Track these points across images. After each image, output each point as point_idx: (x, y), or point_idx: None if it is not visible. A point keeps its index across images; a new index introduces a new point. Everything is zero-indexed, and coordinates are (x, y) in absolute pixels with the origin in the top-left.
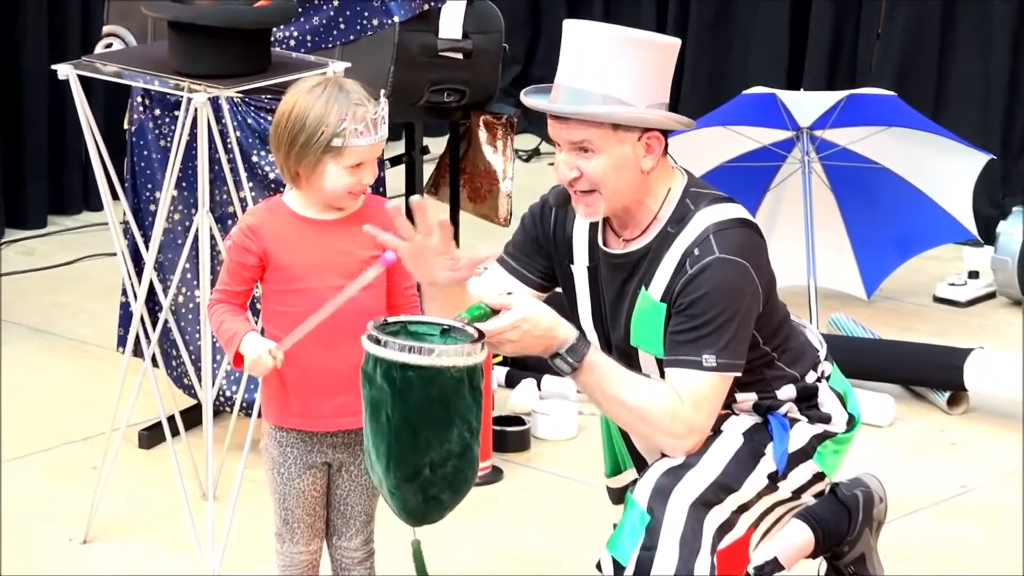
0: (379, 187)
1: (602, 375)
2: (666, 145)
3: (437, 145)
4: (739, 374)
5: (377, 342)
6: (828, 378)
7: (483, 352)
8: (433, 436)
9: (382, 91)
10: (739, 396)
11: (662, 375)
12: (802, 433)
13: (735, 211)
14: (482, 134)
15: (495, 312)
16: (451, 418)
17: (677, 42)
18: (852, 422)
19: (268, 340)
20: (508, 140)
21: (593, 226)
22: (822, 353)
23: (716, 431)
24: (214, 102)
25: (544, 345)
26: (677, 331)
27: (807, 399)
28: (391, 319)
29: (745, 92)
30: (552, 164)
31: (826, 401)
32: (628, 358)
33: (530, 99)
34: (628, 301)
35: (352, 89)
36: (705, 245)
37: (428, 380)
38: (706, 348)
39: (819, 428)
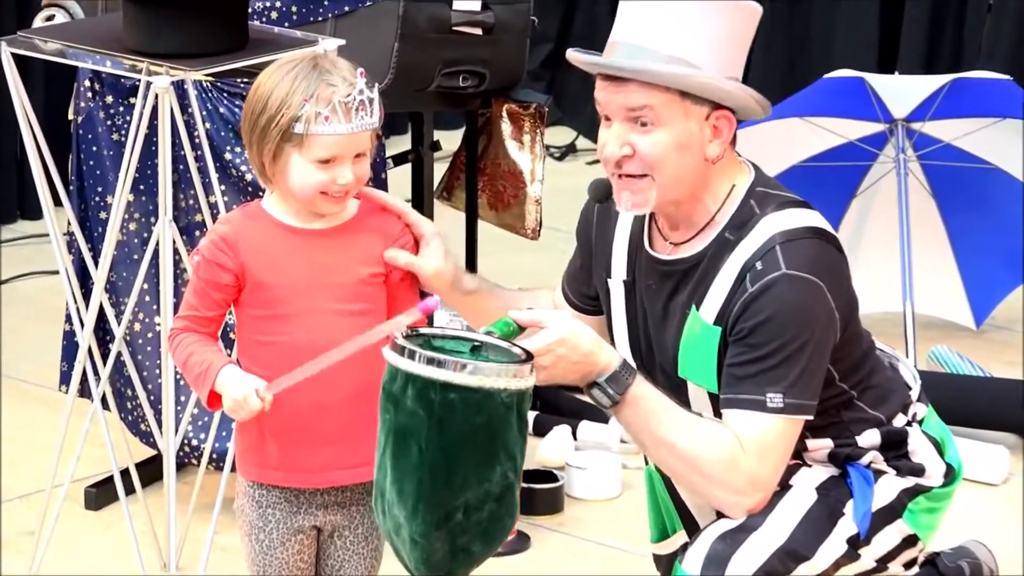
0: None
1: (649, 412)
2: (735, 133)
3: (450, 140)
4: (811, 417)
5: (411, 356)
6: (921, 422)
7: (533, 375)
8: (473, 473)
9: (360, 71)
10: (811, 443)
11: (716, 414)
12: (889, 488)
13: (808, 218)
14: (506, 127)
15: (522, 330)
16: (496, 452)
17: (759, 9)
18: (951, 474)
19: (252, 376)
20: (537, 134)
21: (638, 228)
22: (914, 392)
23: (783, 486)
24: (178, 87)
25: (582, 372)
26: (736, 363)
27: (895, 446)
28: (415, 330)
29: (827, 76)
30: (592, 162)
31: (918, 449)
32: (675, 393)
33: (580, 55)
34: (676, 321)
35: (330, 67)
36: (770, 258)
37: (474, 405)
38: (771, 385)
39: (910, 481)
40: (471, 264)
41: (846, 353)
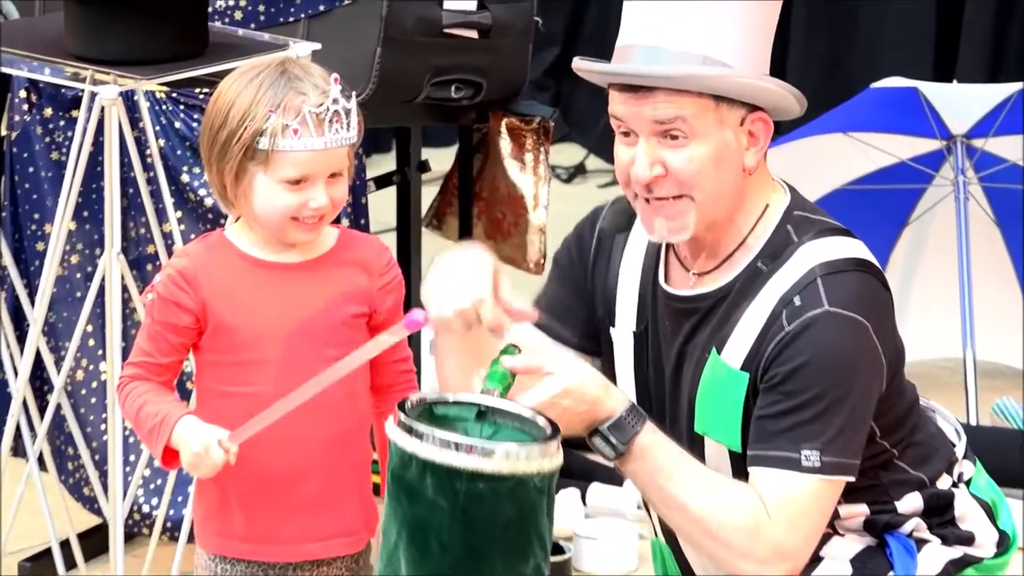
0: (359, 219)
1: (658, 466)
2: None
3: (442, 159)
4: (852, 478)
5: (424, 438)
6: (969, 483)
7: (560, 448)
8: (503, 569)
9: (335, 77)
10: (845, 509)
11: (737, 475)
12: (934, 559)
13: (851, 248)
14: (505, 144)
15: (514, 377)
16: (528, 542)
17: None
18: (1005, 543)
19: (213, 426)
20: (541, 153)
21: (650, 262)
22: (959, 449)
23: (814, 559)
24: (128, 98)
25: (586, 421)
26: (767, 415)
27: (940, 511)
28: (413, 398)
29: (874, 86)
30: (605, 185)
31: (967, 514)
32: (689, 450)
33: (589, 65)
34: (693, 367)
35: (301, 73)
36: (811, 292)
37: (505, 494)
38: (807, 440)
39: (958, 551)
40: None
41: (890, 406)
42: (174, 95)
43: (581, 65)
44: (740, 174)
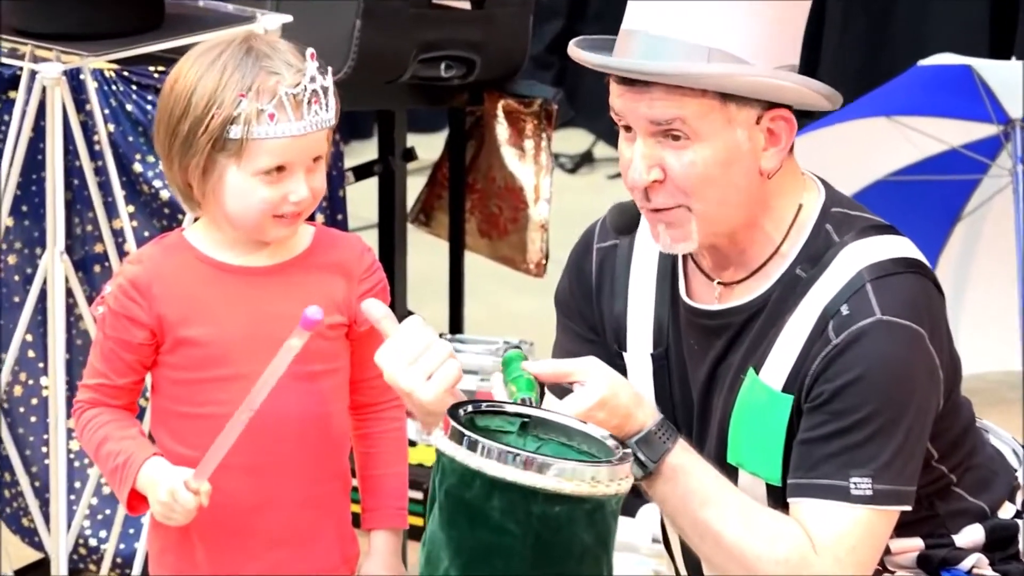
0: (336, 214)
1: (690, 489)
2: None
3: (430, 147)
4: (907, 507)
5: (503, 457)
6: None
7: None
8: None
9: (311, 51)
10: (897, 544)
11: (776, 506)
12: None
13: (900, 247)
14: (501, 130)
15: (542, 386)
16: (601, 571)
17: None
18: None
19: (177, 468)
20: (543, 139)
21: (665, 271)
22: (1021, 473)
23: None
24: (73, 77)
25: (618, 434)
26: (812, 438)
27: (1003, 545)
28: (466, 407)
29: (921, 64)
30: (615, 176)
31: None
32: None
33: (586, 53)
34: (725, 391)
35: (268, 50)
36: (860, 300)
37: (583, 518)
38: (857, 466)
39: None
40: (456, 309)
41: (947, 426)
42: (125, 74)
43: (577, 52)
44: (756, 178)
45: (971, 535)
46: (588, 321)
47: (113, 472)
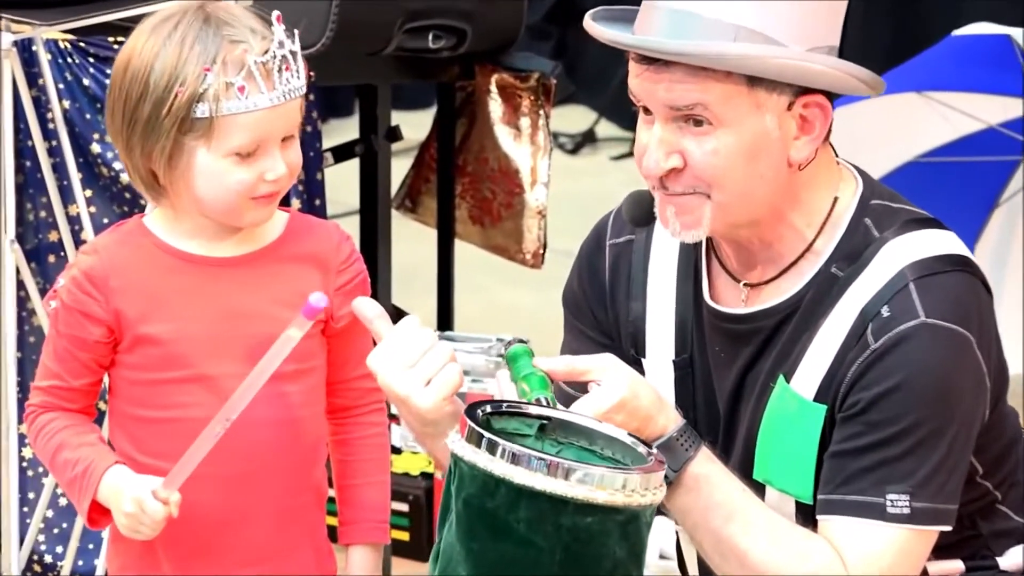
0: (313, 199)
1: (714, 503)
2: (830, 126)
3: (416, 125)
4: (948, 527)
5: (532, 463)
6: None
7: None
8: None
9: (277, 14)
10: (936, 567)
11: (806, 526)
12: None
13: (945, 243)
14: (495, 106)
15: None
16: None
17: None
18: None
19: (144, 476)
20: (540, 117)
21: (689, 267)
22: None
23: None
24: (24, 48)
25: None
26: (846, 450)
27: None
28: (480, 407)
29: (956, 34)
30: (619, 157)
31: None
32: None
33: (601, 27)
34: (753, 402)
35: (228, 17)
36: (902, 301)
37: (616, 530)
38: (894, 482)
39: None
40: (445, 304)
41: (993, 438)
42: (82, 45)
43: (594, 25)
44: (784, 169)
45: (1016, 557)
46: (601, 324)
47: (72, 482)
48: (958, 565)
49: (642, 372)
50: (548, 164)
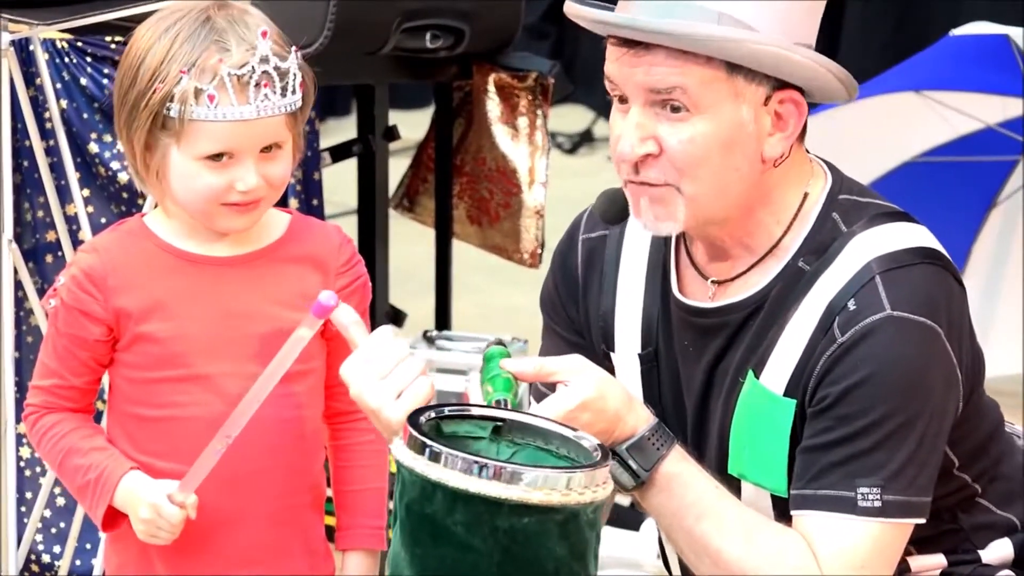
0: (311, 199)
1: (687, 501)
2: (805, 125)
3: (414, 125)
4: (921, 519)
5: (463, 466)
6: None
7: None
8: None
9: (263, 30)
10: (918, 562)
11: (782, 519)
12: None
13: (914, 235)
14: (493, 106)
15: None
16: None
17: None
18: None
19: (159, 481)
20: (538, 117)
21: (658, 261)
22: None
23: None
24: (22, 48)
25: (607, 440)
26: (815, 445)
27: None
28: (427, 413)
29: (954, 33)
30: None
31: None
32: None
33: (581, 7)
34: (724, 396)
35: (227, 23)
36: (868, 294)
37: (555, 530)
38: (864, 476)
39: None
40: (443, 304)
41: (970, 429)
42: (79, 44)
43: (573, 8)
44: (757, 165)
45: (999, 550)
46: (574, 323)
47: (83, 488)
48: (940, 559)
49: (612, 367)
50: (546, 164)
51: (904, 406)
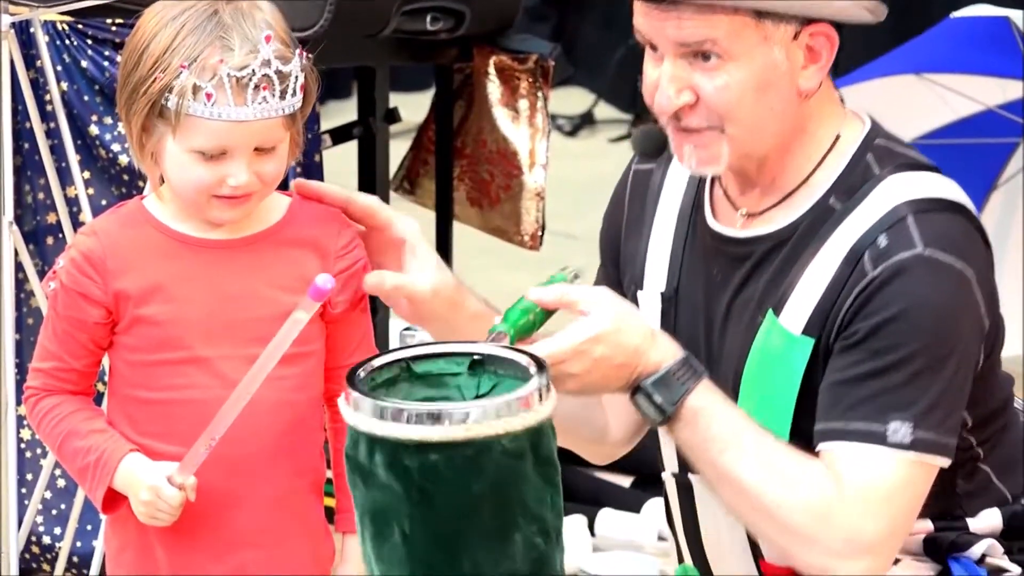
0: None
1: (711, 435)
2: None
3: (414, 108)
4: (946, 463)
5: (370, 410)
6: None
7: (551, 398)
8: (483, 555)
9: (267, 35)
10: None
11: None
12: None
13: (946, 187)
14: (493, 88)
15: (548, 315)
16: (511, 519)
17: None
18: None
19: (158, 463)
20: (539, 99)
21: (691, 197)
22: None
23: None
24: (22, 30)
25: (627, 376)
26: (847, 379)
27: (1023, 534)
28: (381, 359)
29: (955, 15)
30: (617, 139)
31: None
32: None
33: None
34: (741, 331)
35: (234, 19)
36: (900, 232)
37: (466, 465)
38: (896, 410)
39: None
40: None
41: (984, 393)
42: (79, 27)
43: None
44: (793, 99)
45: (988, 520)
46: (616, 255)
47: (83, 471)
48: (926, 524)
49: (638, 305)
50: (546, 146)
51: (936, 345)
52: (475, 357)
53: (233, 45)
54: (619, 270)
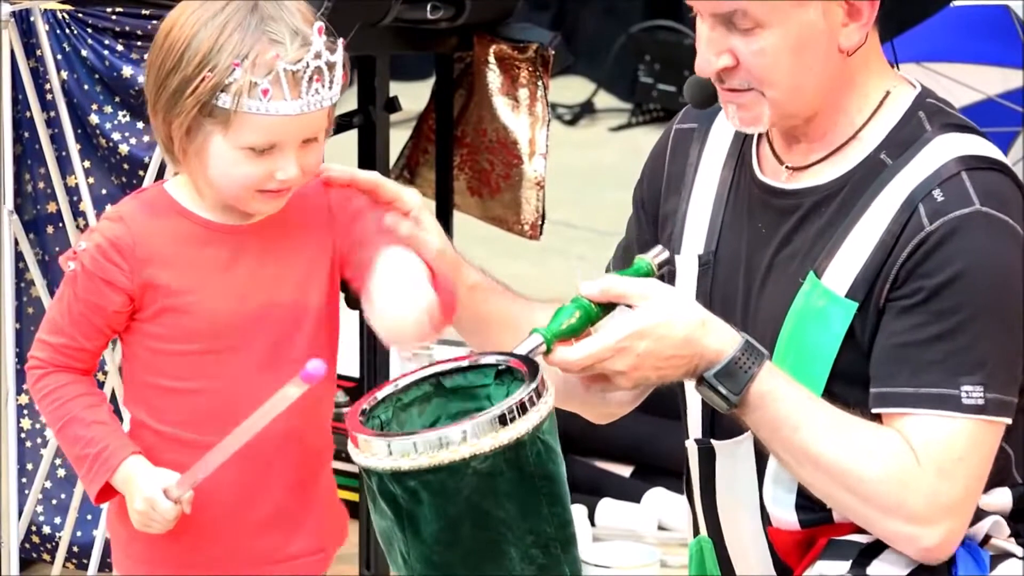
0: None
1: (780, 416)
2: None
3: (414, 96)
4: (1009, 421)
5: (358, 444)
6: None
7: (538, 408)
8: (476, 574)
9: (319, 26)
10: None
11: None
12: (1012, 574)
13: (992, 149)
14: (494, 77)
15: (606, 310)
16: (496, 537)
17: None
18: None
19: (158, 471)
20: (539, 88)
21: (737, 150)
22: None
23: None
24: (22, 19)
25: (683, 367)
26: (911, 341)
27: None
28: (409, 378)
29: (955, 4)
30: (617, 128)
31: None
32: None
33: None
34: (781, 290)
35: (275, 11)
36: (955, 187)
37: (438, 489)
38: (967, 373)
39: None
40: None
41: None
42: (80, 15)
43: None
44: (834, 57)
45: (999, 498)
46: (655, 211)
47: (82, 459)
48: None
49: (674, 272)
50: (546, 135)
51: (998, 304)
52: (500, 366)
53: (282, 38)
54: (657, 227)
